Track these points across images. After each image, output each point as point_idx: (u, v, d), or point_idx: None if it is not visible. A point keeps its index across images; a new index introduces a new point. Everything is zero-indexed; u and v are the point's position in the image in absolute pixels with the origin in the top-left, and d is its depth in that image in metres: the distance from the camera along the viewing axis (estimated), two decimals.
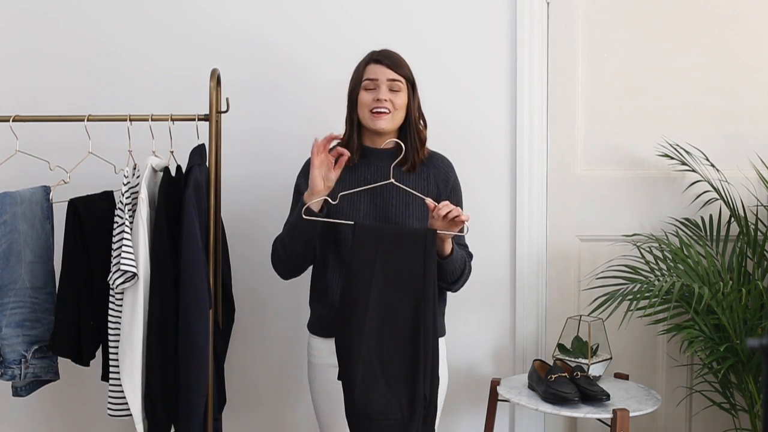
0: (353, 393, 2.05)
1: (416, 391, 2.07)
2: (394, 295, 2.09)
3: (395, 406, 2.06)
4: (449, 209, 2.09)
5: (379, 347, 2.07)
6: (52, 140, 2.57)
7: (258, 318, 2.82)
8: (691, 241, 2.68)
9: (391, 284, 2.09)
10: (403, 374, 2.07)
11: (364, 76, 2.24)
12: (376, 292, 2.08)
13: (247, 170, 2.78)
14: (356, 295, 2.08)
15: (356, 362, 2.05)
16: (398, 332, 2.08)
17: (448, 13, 2.79)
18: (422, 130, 2.31)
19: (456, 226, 2.11)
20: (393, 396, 2.06)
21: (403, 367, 2.08)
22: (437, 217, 2.10)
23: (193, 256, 2.22)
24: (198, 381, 2.23)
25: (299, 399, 2.79)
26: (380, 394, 2.06)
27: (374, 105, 2.21)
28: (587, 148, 2.84)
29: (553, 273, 2.83)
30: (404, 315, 2.09)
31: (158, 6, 2.80)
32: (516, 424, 2.84)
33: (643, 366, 2.82)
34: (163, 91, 2.76)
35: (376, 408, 2.05)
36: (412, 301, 2.09)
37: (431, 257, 2.10)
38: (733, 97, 2.80)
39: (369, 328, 2.07)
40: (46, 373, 2.38)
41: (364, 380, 2.05)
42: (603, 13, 2.82)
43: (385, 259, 2.09)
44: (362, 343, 2.05)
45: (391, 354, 2.08)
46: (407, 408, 2.07)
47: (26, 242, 2.33)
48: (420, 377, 2.07)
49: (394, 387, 2.07)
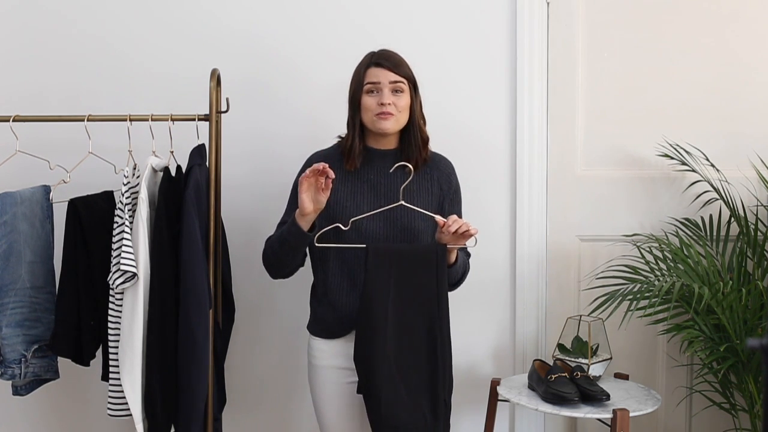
0: (380, 409, 2.12)
1: (437, 398, 2.17)
2: (409, 311, 2.16)
3: (420, 416, 2.14)
4: (459, 225, 2.12)
5: (399, 362, 2.15)
6: (52, 140, 2.57)
7: (258, 318, 2.82)
8: (691, 241, 2.68)
9: (406, 302, 2.16)
10: (424, 384, 2.17)
11: (366, 80, 2.23)
12: (393, 311, 2.15)
13: (247, 170, 2.78)
14: (374, 315, 2.14)
15: (379, 380, 2.12)
16: (416, 346, 2.16)
17: (448, 13, 2.79)
18: (425, 130, 2.30)
19: (465, 239, 2.16)
20: (417, 407, 2.14)
21: (424, 377, 2.17)
22: (447, 233, 2.13)
23: (193, 256, 2.22)
24: (198, 381, 2.23)
25: (299, 399, 2.79)
26: (405, 406, 2.13)
27: (379, 109, 2.21)
28: (587, 148, 2.84)
29: (553, 273, 2.83)
30: (421, 328, 2.17)
31: (159, 5, 2.80)
32: (516, 424, 2.84)
33: (643, 366, 2.82)
34: (163, 91, 2.76)
35: (403, 420, 2.13)
36: (428, 315, 2.17)
37: (443, 272, 2.18)
38: (733, 97, 2.80)
39: (389, 346, 2.14)
40: (45, 372, 2.38)
41: (388, 395, 2.12)
42: (603, 13, 2.82)
43: (398, 278, 2.16)
44: (384, 361, 2.13)
45: (411, 367, 2.16)
46: (431, 415, 2.16)
47: (26, 242, 2.33)
48: (440, 385, 2.17)
49: (417, 398, 2.15)
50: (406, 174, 2.23)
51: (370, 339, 2.13)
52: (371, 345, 2.12)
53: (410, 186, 2.23)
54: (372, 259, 2.15)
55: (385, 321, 2.13)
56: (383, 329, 2.13)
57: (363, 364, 2.14)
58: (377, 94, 2.22)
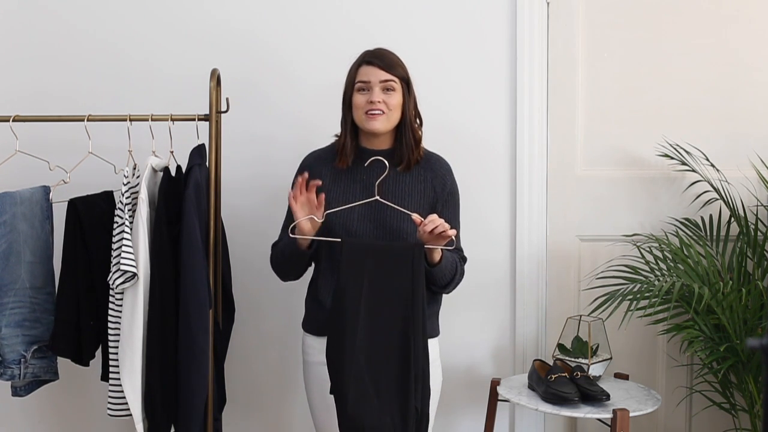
0: (346, 408, 2.08)
1: (408, 405, 2.10)
2: (382, 311, 2.11)
3: (387, 420, 2.09)
4: (435, 225, 2.09)
5: (370, 363, 2.10)
6: (52, 140, 2.57)
7: (258, 318, 2.82)
8: (691, 241, 2.68)
9: (379, 301, 2.11)
10: (394, 388, 2.10)
11: (357, 78, 2.23)
12: (365, 309, 2.10)
13: (248, 170, 2.78)
14: (345, 312, 2.10)
15: (348, 378, 2.08)
16: (388, 347, 2.11)
17: (448, 13, 2.79)
18: (417, 129, 2.29)
19: (443, 239, 2.12)
20: (385, 410, 2.09)
21: (394, 381, 2.10)
22: (423, 232, 2.11)
23: (193, 256, 2.22)
24: (198, 381, 2.23)
25: (299, 399, 2.79)
26: (372, 408, 2.09)
27: (368, 107, 2.21)
28: (587, 148, 2.84)
29: (553, 273, 2.83)
30: (393, 330, 2.11)
31: (159, 5, 2.80)
32: (516, 424, 2.84)
33: (643, 366, 2.82)
34: (163, 91, 2.76)
35: (369, 422, 2.08)
36: (401, 317, 2.11)
37: (419, 272, 2.12)
38: (733, 97, 2.80)
39: (359, 345, 2.09)
40: (45, 373, 2.38)
41: (356, 396, 2.08)
42: (603, 13, 2.82)
43: (372, 275, 2.11)
44: (353, 359, 2.08)
45: (382, 369, 2.10)
46: (399, 421, 2.10)
47: (26, 242, 2.33)
48: (411, 391, 2.10)
49: (386, 401, 2.10)
50: (398, 173, 2.22)
51: (341, 336, 2.09)
52: (341, 342, 2.09)
53: (402, 187, 2.23)
54: (347, 254, 2.12)
55: (357, 318, 2.09)
56: (354, 327, 2.09)
57: (332, 361, 2.11)
58: (367, 93, 2.22)
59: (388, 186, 2.23)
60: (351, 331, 2.09)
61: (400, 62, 2.26)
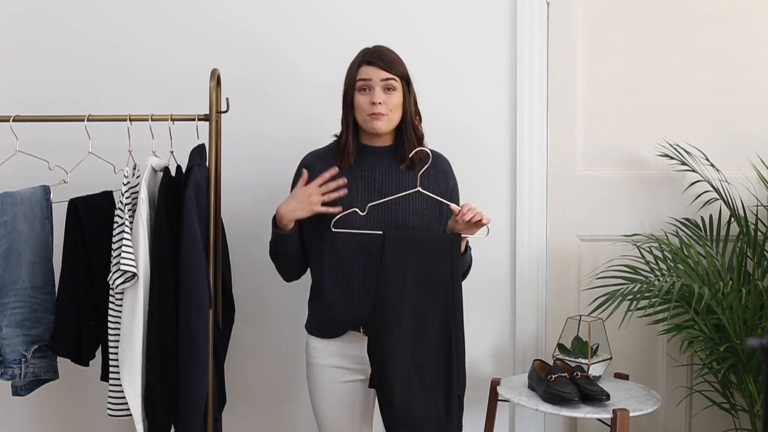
0: (392, 401, 2.09)
1: (451, 393, 2.13)
2: (425, 300, 2.13)
3: (433, 410, 2.11)
4: (473, 213, 2.13)
5: (414, 353, 2.12)
6: (52, 140, 2.57)
7: (258, 318, 2.82)
8: (691, 241, 2.68)
9: (422, 290, 2.13)
10: (438, 377, 2.13)
11: (358, 77, 2.23)
12: (408, 299, 2.12)
13: (248, 170, 2.78)
14: (389, 303, 2.11)
15: (393, 370, 2.09)
16: (431, 337, 2.13)
17: (449, 13, 2.79)
18: (419, 127, 2.30)
19: (477, 227, 2.15)
20: (431, 400, 2.11)
21: (438, 370, 2.13)
22: (461, 221, 2.13)
23: (193, 256, 2.22)
24: (198, 381, 2.23)
25: (299, 399, 2.79)
26: (418, 399, 2.10)
27: (370, 109, 2.21)
28: (587, 148, 2.84)
29: (553, 273, 2.83)
30: (436, 319, 2.14)
31: (158, 6, 2.80)
32: (516, 424, 2.84)
33: (643, 366, 2.82)
34: (163, 91, 2.76)
35: (416, 413, 2.10)
36: (442, 305, 2.14)
37: (457, 261, 2.16)
38: (733, 97, 2.80)
39: (404, 336, 2.10)
40: (45, 372, 2.38)
41: (402, 387, 2.09)
42: (603, 13, 2.82)
43: (414, 266, 2.13)
44: (398, 351, 2.10)
45: (426, 359, 2.13)
46: (444, 410, 2.13)
47: (26, 242, 2.33)
48: (454, 378, 2.13)
49: (431, 391, 2.12)
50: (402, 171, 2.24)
51: (387, 329, 2.09)
52: (387, 335, 2.09)
53: (405, 183, 2.24)
54: (388, 245, 2.12)
55: (401, 311, 2.10)
56: (399, 319, 2.10)
57: (377, 355, 2.10)
58: (369, 92, 2.22)
59: (391, 183, 2.24)
60: (396, 323, 2.10)
61: (399, 60, 2.26)
